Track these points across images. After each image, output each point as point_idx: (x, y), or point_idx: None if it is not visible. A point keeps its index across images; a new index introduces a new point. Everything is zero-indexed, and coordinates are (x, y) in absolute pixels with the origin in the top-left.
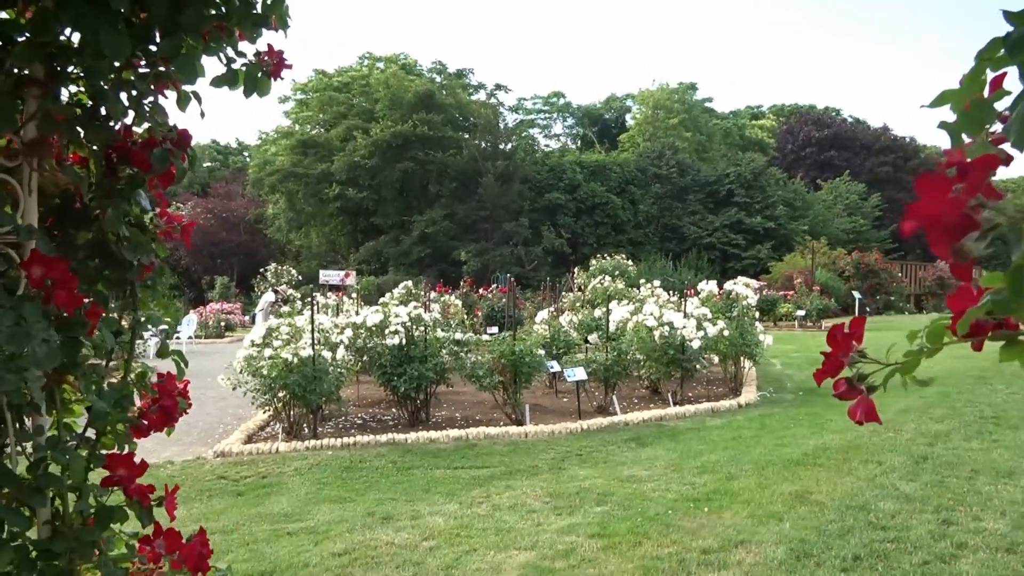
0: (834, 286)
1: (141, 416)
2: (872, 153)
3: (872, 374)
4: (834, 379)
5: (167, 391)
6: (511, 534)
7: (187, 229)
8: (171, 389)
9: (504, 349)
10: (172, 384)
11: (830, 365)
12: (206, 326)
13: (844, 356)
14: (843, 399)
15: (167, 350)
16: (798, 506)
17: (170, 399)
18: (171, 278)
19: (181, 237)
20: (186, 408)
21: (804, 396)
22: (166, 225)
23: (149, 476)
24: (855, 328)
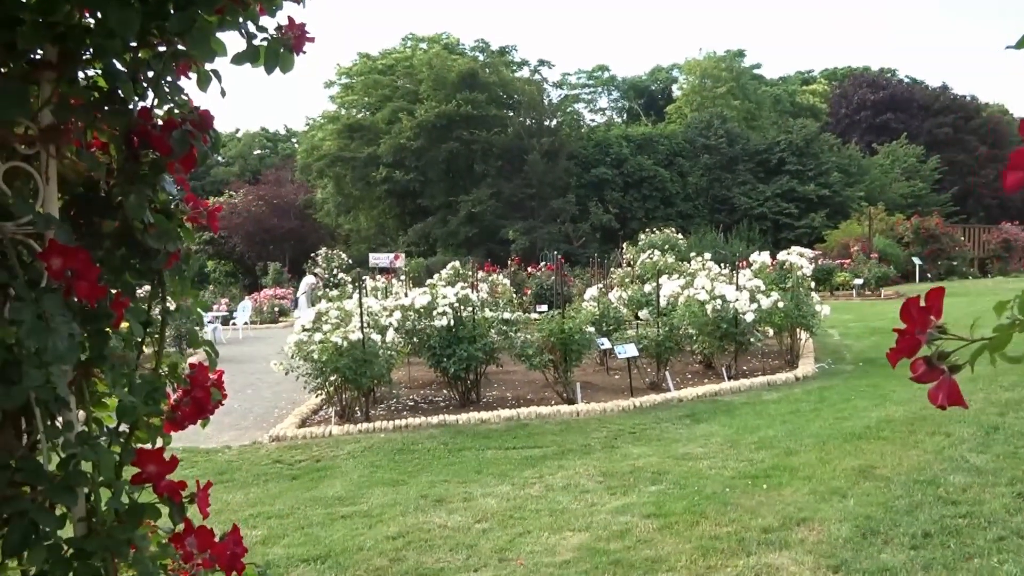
0: (893, 253)
1: (173, 409)
2: (930, 114)
3: (955, 352)
4: (910, 359)
5: (199, 382)
6: (565, 515)
7: (213, 215)
8: (203, 380)
9: (553, 327)
10: (204, 375)
11: (905, 343)
12: (261, 311)
13: (921, 333)
14: (921, 381)
15: (198, 339)
16: (862, 481)
17: (203, 390)
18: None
19: (207, 223)
20: (220, 400)
21: (864, 367)
22: (192, 211)
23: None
24: (932, 301)
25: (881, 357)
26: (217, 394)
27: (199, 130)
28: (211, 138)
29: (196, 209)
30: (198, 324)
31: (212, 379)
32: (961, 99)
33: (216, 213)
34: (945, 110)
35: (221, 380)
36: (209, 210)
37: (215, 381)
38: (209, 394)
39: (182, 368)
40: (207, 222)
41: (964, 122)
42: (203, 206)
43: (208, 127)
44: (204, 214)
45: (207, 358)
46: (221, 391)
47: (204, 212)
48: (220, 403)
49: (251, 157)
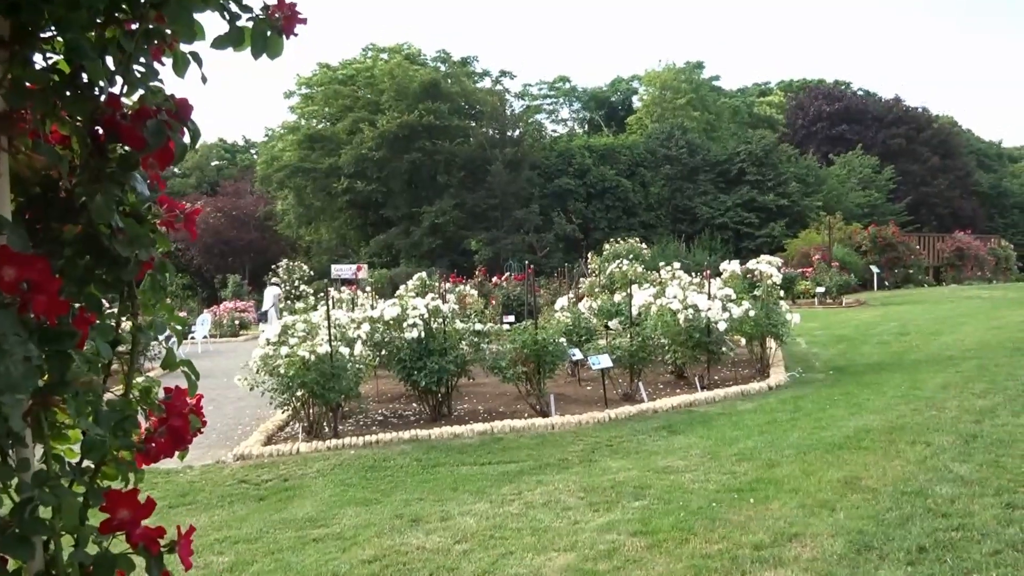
0: (851, 261)
1: (146, 440)
2: (884, 125)
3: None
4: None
5: (176, 409)
6: (548, 534)
7: (191, 217)
8: (181, 406)
9: (526, 339)
10: (182, 400)
11: None
12: (220, 325)
13: None
14: None
15: (174, 360)
16: (849, 493)
17: (180, 418)
18: (175, 276)
19: (185, 227)
20: (200, 428)
21: (835, 375)
22: (167, 214)
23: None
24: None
25: (850, 365)
26: (196, 422)
27: (176, 120)
28: (190, 130)
29: (171, 212)
30: (178, 342)
31: (191, 404)
32: (913, 111)
33: (195, 216)
34: (898, 121)
35: (200, 406)
36: (186, 213)
37: (194, 407)
38: (188, 422)
39: (155, 393)
40: (184, 227)
41: (916, 133)
42: (179, 208)
43: (186, 117)
44: (181, 217)
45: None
46: (200, 418)
47: (181, 215)
48: (199, 431)
49: (208, 168)
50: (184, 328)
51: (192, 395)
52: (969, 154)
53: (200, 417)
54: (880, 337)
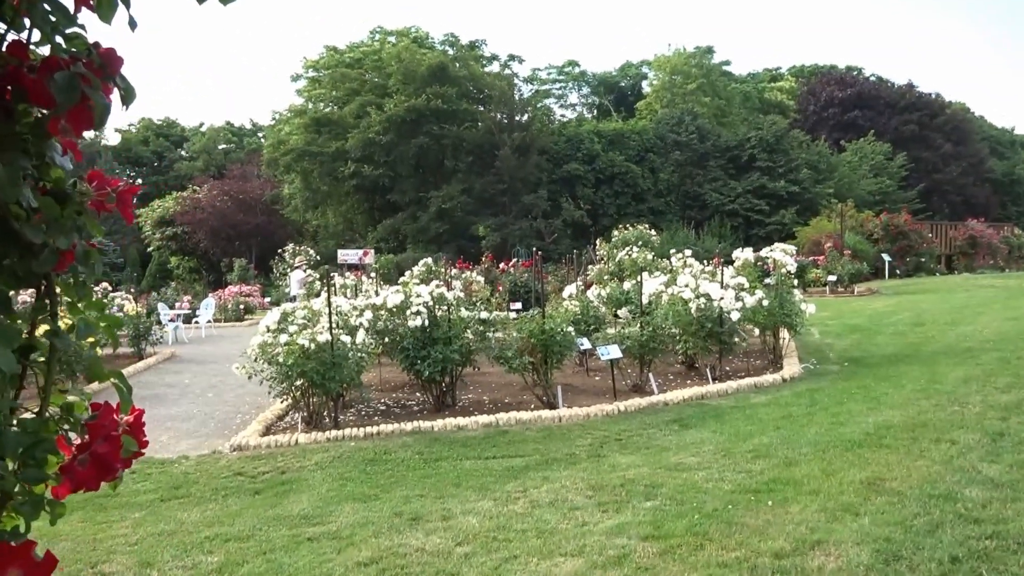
0: (863, 249)
1: (61, 470)
2: (896, 111)
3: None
4: None
5: (102, 430)
6: (554, 537)
7: (125, 197)
8: (108, 426)
9: (533, 328)
10: (110, 419)
11: None
12: (225, 309)
13: None
14: None
15: (101, 370)
16: (873, 496)
17: (108, 442)
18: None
19: (118, 210)
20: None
21: (850, 367)
22: (97, 193)
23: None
24: None
25: (866, 357)
26: (132, 444)
27: (99, 76)
28: (121, 88)
29: (102, 191)
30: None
31: (125, 423)
32: (926, 97)
33: (129, 196)
34: (911, 107)
35: (140, 423)
36: (119, 191)
37: (130, 425)
38: (117, 447)
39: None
40: (118, 208)
41: (929, 119)
42: (111, 186)
43: (114, 72)
44: (112, 197)
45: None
46: (139, 438)
47: (113, 194)
48: (140, 453)
49: (216, 152)
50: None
51: (126, 411)
52: (982, 141)
53: (138, 438)
54: (895, 327)
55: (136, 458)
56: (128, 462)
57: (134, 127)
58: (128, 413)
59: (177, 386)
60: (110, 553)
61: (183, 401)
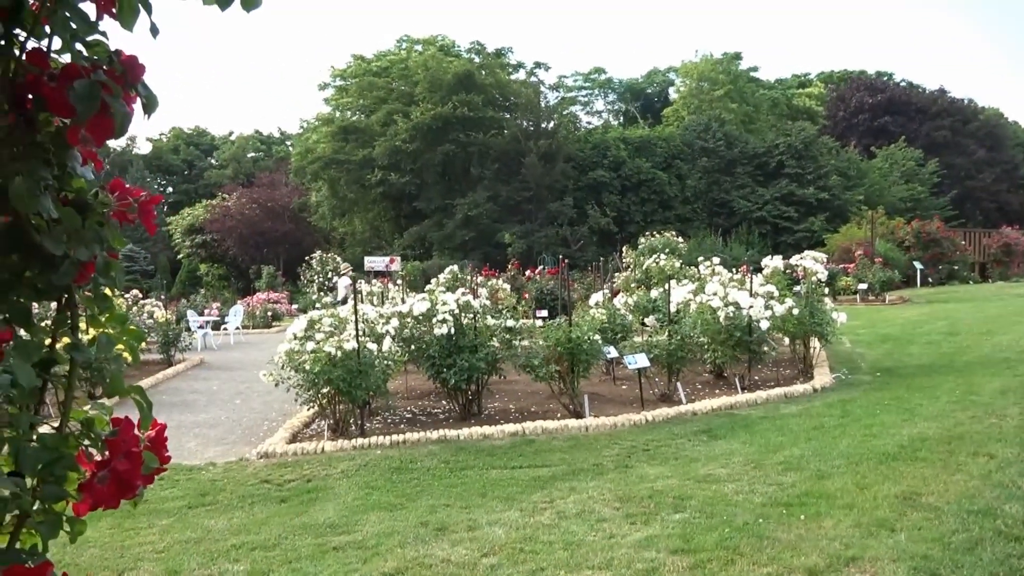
0: (894, 257)
1: (79, 488)
2: (928, 117)
3: None
4: None
5: (121, 447)
6: (581, 549)
7: (147, 208)
8: (129, 443)
9: (560, 336)
10: (131, 435)
11: None
12: (253, 316)
13: None
14: None
15: (122, 385)
16: (909, 511)
17: (128, 459)
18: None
19: (140, 220)
20: (161, 467)
21: (882, 378)
22: (119, 203)
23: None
24: None
25: (899, 367)
26: (153, 460)
27: (121, 84)
28: (143, 96)
29: (124, 201)
30: (135, 361)
31: (146, 438)
32: (959, 102)
33: (151, 206)
34: (943, 113)
35: (162, 439)
36: (141, 201)
37: (151, 440)
38: (138, 464)
39: (103, 424)
40: (140, 219)
41: (962, 125)
42: (134, 196)
43: (135, 79)
44: (134, 208)
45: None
46: (161, 454)
47: (135, 205)
48: (162, 469)
49: (245, 160)
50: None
51: (147, 426)
52: (1016, 147)
53: (160, 454)
54: (928, 337)
55: (158, 474)
56: (150, 478)
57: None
58: (149, 428)
59: (205, 393)
60: (137, 560)
61: (211, 408)
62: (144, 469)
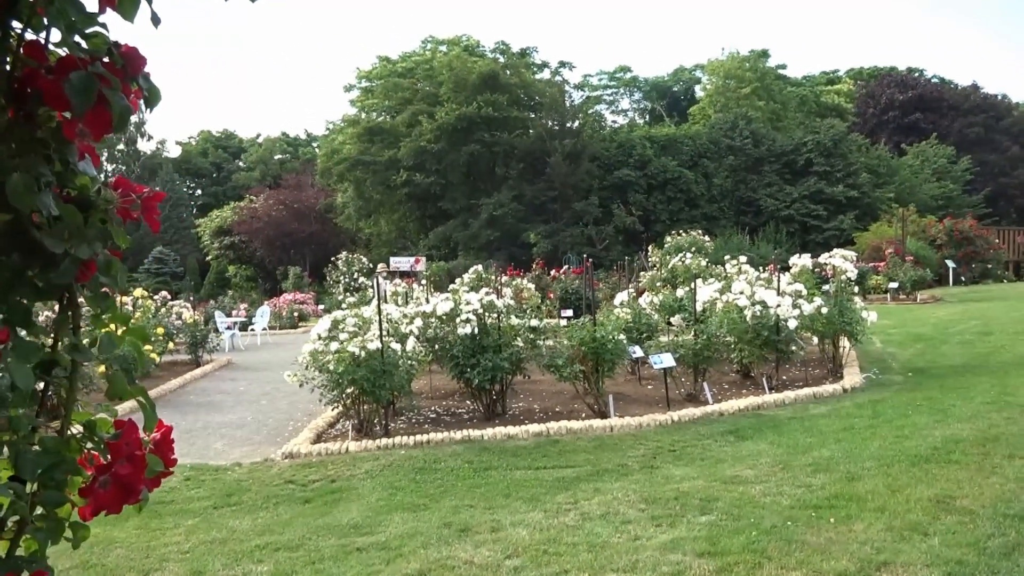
0: (926, 255)
1: (81, 492)
2: (960, 114)
3: None
4: None
5: (124, 450)
6: (606, 551)
7: (150, 204)
8: (132, 446)
9: (584, 336)
10: (134, 438)
11: None
12: (280, 317)
13: None
14: None
15: (124, 387)
16: (943, 515)
17: (131, 463)
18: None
19: (143, 218)
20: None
21: (914, 378)
22: (122, 200)
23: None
24: None
25: (931, 367)
26: (157, 463)
27: (120, 77)
28: (145, 90)
29: (127, 198)
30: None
31: (152, 441)
32: (992, 98)
33: (154, 203)
34: (975, 109)
35: (168, 441)
36: (143, 198)
37: (156, 443)
38: (141, 468)
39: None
40: (142, 216)
41: (995, 121)
42: (137, 192)
43: (135, 72)
44: (137, 205)
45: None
46: (166, 458)
47: (138, 202)
48: (168, 472)
49: (272, 162)
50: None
51: (151, 428)
52: None
53: (165, 457)
54: (961, 336)
55: (165, 477)
56: (156, 481)
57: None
58: (154, 431)
59: (232, 393)
60: (162, 561)
61: (238, 408)
62: (148, 472)
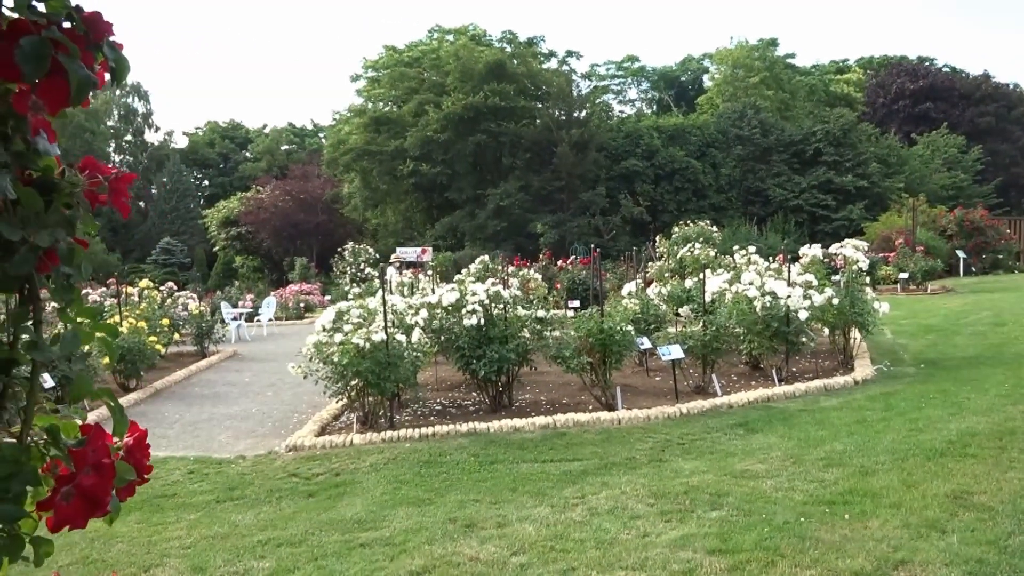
0: (935, 245)
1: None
2: (972, 103)
3: None
4: None
5: (88, 458)
6: (614, 548)
7: (118, 186)
8: (98, 453)
9: (591, 327)
10: (100, 445)
11: None
12: (286, 308)
13: None
14: None
15: (88, 385)
16: (960, 511)
17: (95, 473)
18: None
19: (111, 202)
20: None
21: (926, 369)
22: (88, 182)
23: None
24: None
25: (943, 359)
26: (128, 471)
27: (81, 45)
28: (111, 60)
29: (93, 179)
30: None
31: (124, 446)
32: (1004, 87)
33: (123, 185)
34: (987, 99)
35: (142, 446)
36: (111, 180)
37: (129, 449)
38: (108, 477)
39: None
40: (110, 200)
41: (1007, 111)
42: (104, 173)
43: (98, 38)
44: (105, 187)
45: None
46: (140, 464)
47: (105, 183)
48: (144, 480)
49: (278, 152)
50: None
51: (121, 433)
52: None
53: (139, 464)
54: (974, 327)
55: (141, 484)
56: (130, 490)
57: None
58: (126, 435)
59: (238, 384)
60: (163, 556)
61: (243, 400)
62: (118, 481)
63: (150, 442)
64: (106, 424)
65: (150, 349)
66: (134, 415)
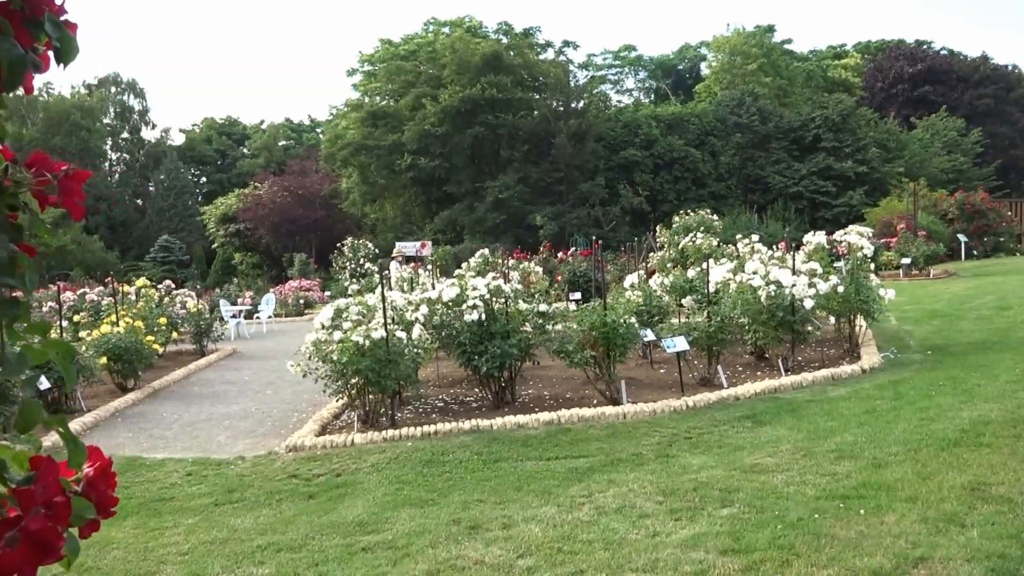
0: (937, 230)
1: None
2: (970, 85)
3: None
4: None
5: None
6: (623, 548)
7: (70, 186)
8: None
9: (595, 320)
10: (50, 481)
11: None
12: (285, 304)
13: None
14: None
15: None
16: (979, 504)
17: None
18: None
19: (62, 203)
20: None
21: (934, 356)
22: (36, 181)
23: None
24: None
25: (950, 345)
26: (87, 509)
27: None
28: (56, 40)
29: (41, 178)
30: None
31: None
32: (1002, 69)
33: (76, 184)
34: (986, 81)
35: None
36: (60, 178)
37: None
38: (62, 518)
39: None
40: (61, 201)
41: (1006, 93)
42: (53, 171)
43: (37, 14)
44: (54, 185)
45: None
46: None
47: (54, 182)
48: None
49: (276, 148)
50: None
51: (77, 465)
52: None
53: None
54: (979, 312)
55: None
56: (93, 525)
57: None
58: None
59: (237, 383)
60: (160, 563)
61: (242, 399)
62: (75, 520)
63: (149, 443)
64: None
65: (147, 349)
66: (132, 416)
